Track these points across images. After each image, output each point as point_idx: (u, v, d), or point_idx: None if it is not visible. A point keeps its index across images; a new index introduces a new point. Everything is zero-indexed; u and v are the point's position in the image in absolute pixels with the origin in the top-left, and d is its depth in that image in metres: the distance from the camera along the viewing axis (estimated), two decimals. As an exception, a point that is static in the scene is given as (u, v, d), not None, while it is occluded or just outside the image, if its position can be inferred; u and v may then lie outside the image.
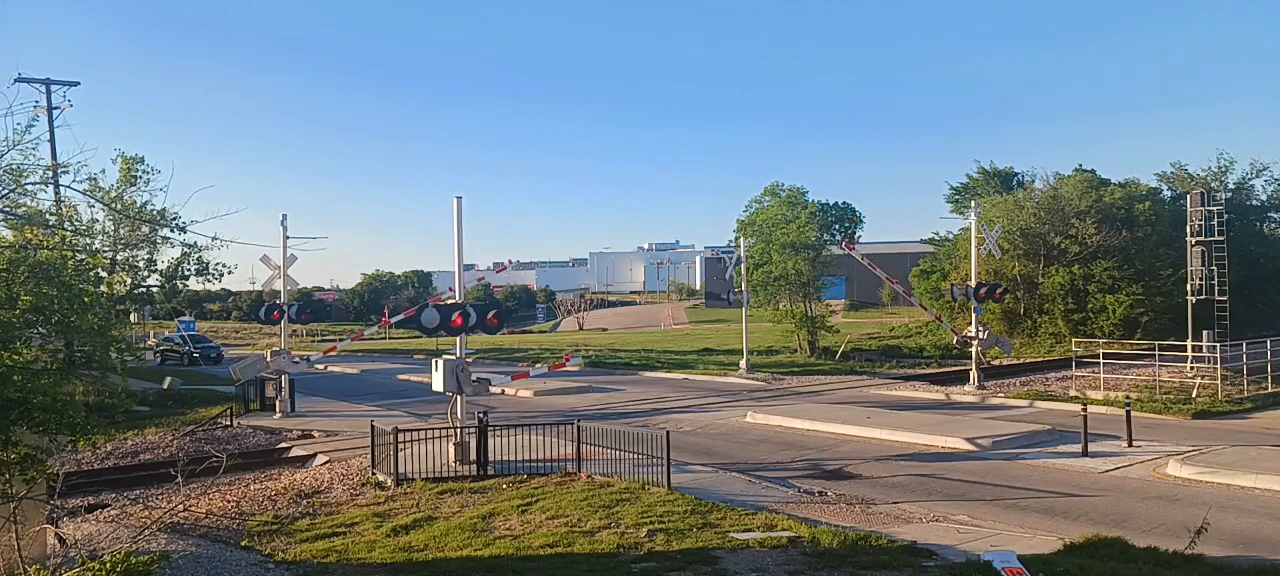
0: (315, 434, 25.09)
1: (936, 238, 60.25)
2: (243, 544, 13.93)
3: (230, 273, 35.10)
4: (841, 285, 77.26)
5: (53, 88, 39.28)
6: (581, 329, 78.23)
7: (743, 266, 42.48)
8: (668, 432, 16.87)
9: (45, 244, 11.29)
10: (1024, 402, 28.51)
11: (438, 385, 19.22)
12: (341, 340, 45.93)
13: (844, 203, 52.69)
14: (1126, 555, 11.65)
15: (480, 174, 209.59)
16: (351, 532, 14.20)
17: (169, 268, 34.39)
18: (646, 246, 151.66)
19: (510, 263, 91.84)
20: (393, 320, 34.43)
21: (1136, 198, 50.26)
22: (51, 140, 36.83)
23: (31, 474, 9.28)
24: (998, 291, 35.27)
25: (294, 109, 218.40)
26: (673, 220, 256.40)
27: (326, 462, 20.77)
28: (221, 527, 15.08)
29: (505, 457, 18.42)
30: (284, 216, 28.87)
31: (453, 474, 18.01)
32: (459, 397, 19.22)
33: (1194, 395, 27.43)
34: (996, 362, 39.85)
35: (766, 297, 49.07)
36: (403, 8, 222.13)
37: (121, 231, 33.51)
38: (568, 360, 34.26)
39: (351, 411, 29.63)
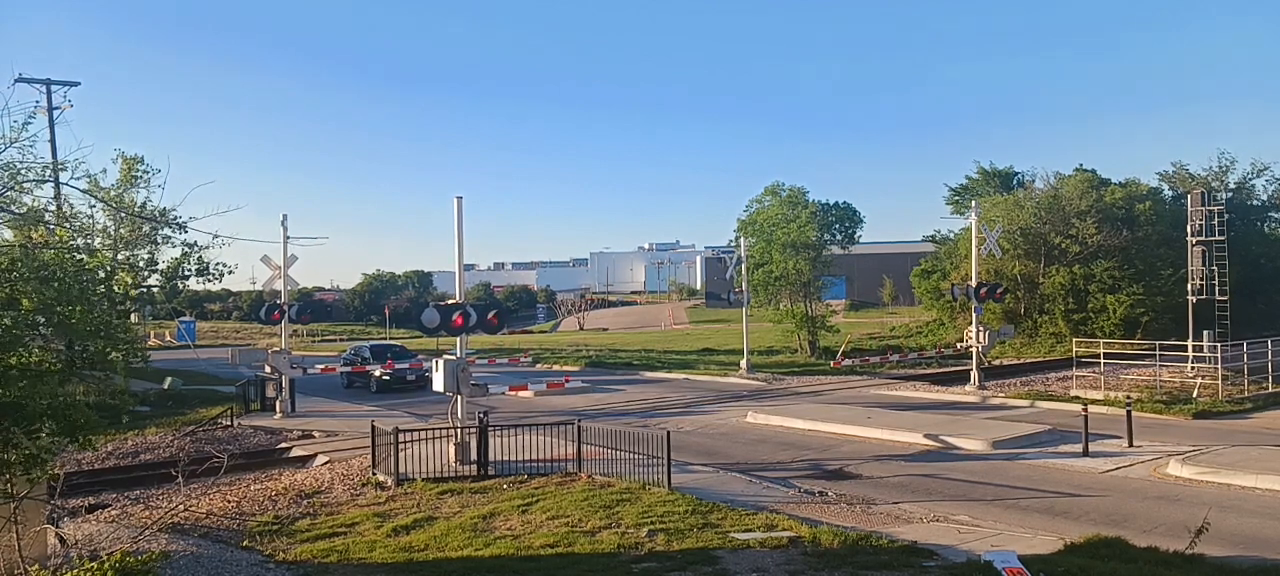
0: (316, 434, 25.10)
1: (937, 237, 60.16)
2: (243, 544, 13.93)
3: (231, 272, 34.99)
4: (841, 285, 77.23)
5: (53, 88, 39.33)
6: (582, 329, 78.17)
7: (743, 266, 42.45)
8: (668, 432, 16.88)
9: (47, 244, 11.26)
10: (1025, 403, 28.52)
11: (438, 385, 19.28)
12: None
13: (844, 203, 52.80)
14: (1127, 555, 11.66)
15: (480, 174, 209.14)
16: (352, 532, 14.21)
17: (169, 267, 34.33)
18: (647, 246, 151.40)
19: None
20: (395, 367, 35.35)
21: (1137, 197, 50.24)
22: (52, 140, 36.88)
23: (34, 473, 9.27)
24: (998, 291, 35.28)
25: (294, 109, 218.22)
26: (673, 220, 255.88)
27: (327, 463, 20.78)
28: (222, 528, 15.09)
29: (506, 457, 18.43)
30: (284, 216, 28.90)
31: (453, 474, 18.02)
32: (459, 397, 19.24)
33: (1195, 395, 27.43)
34: (997, 361, 39.87)
35: (767, 297, 49.08)
36: (403, 8, 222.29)
37: (122, 231, 33.50)
38: (567, 383, 34.96)
39: (352, 411, 29.64)
